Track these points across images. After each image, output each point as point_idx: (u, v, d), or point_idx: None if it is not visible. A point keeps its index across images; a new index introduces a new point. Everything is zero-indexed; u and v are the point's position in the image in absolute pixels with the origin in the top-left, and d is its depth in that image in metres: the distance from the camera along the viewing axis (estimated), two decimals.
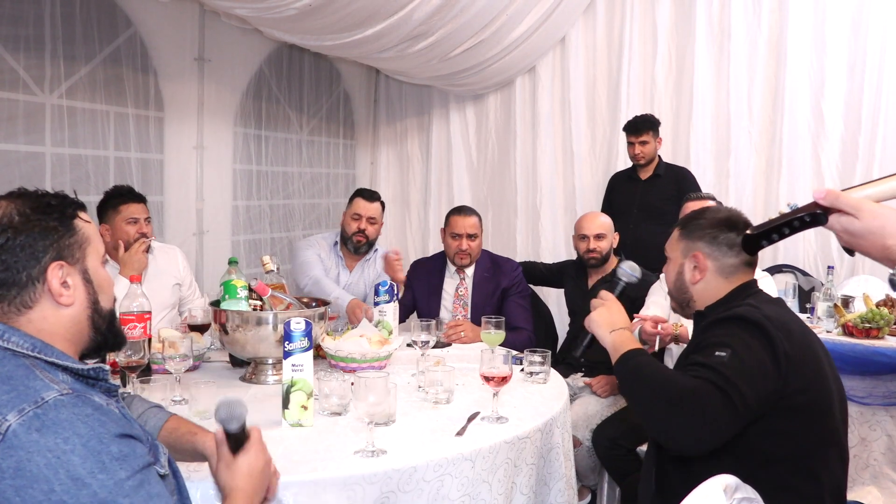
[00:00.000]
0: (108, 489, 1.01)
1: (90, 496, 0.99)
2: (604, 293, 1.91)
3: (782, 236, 1.25)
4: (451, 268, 3.44)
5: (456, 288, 3.43)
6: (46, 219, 1.17)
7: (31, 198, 1.19)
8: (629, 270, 2.03)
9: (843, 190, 1.19)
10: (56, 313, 1.17)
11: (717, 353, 1.57)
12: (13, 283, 1.14)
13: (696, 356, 1.63)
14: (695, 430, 1.50)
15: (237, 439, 1.33)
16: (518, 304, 3.35)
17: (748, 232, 1.31)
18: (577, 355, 1.96)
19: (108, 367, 1.21)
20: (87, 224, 1.23)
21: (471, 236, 3.36)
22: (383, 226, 3.65)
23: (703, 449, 1.53)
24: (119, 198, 3.03)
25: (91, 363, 1.20)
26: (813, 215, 1.19)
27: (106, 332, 1.25)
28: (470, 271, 3.43)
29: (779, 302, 1.79)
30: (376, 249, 3.59)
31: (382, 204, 3.60)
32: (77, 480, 0.99)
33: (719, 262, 1.79)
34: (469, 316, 3.37)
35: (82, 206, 1.25)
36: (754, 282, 1.82)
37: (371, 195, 3.56)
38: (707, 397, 1.50)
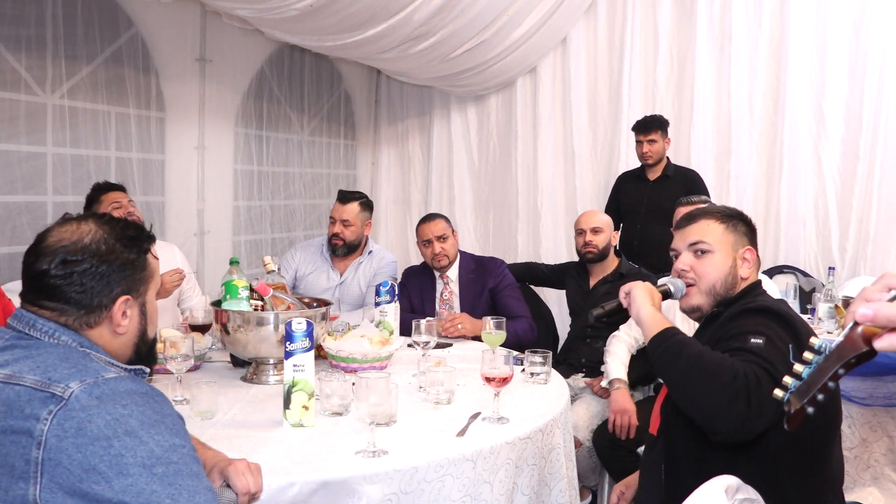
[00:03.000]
0: (164, 448, 1.08)
1: (147, 452, 1.06)
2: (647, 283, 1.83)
3: (827, 392, 1.03)
4: (436, 273, 3.46)
5: (441, 293, 3.44)
6: (127, 252, 1.27)
7: (116, 226, 1.29)
8: (680, 286, 1.82)
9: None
10: (111, 338, 1.27)
11: (752, 339, 1.54)
12: (84, 304, 1.23)
13: (730, 343, 1.58)
14: (743, 412, 1.44)
15: None
16: (509, 296, 3.37)
17: (790, 410, 1.06)
18: (594, 315, 1.88)
19: (147, 369, 1.30)
20: (154, 260, 1.35)
21: (440, 238, 3.36)
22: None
23: (745, 433, 1.46)
24: (98, 191, 3.13)
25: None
26: (860, 355, 0.98)
27: (144, 357, 1.34)
28: (453, 275, 3.43)
29: (784, 303, 1.80)
30: (371, 251, 3.55)
31: (366, 204, 3.49)
32: (135, 437, 1.06)
33: (758, 259, 1.81)
34: None
35: (154, 240, 1.37)
36: (759, 282, 1.84)
37: (345, 196, 3.46)
38: (759, 380, 1.46)
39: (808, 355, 1.05)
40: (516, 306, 3.32)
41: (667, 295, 1.81)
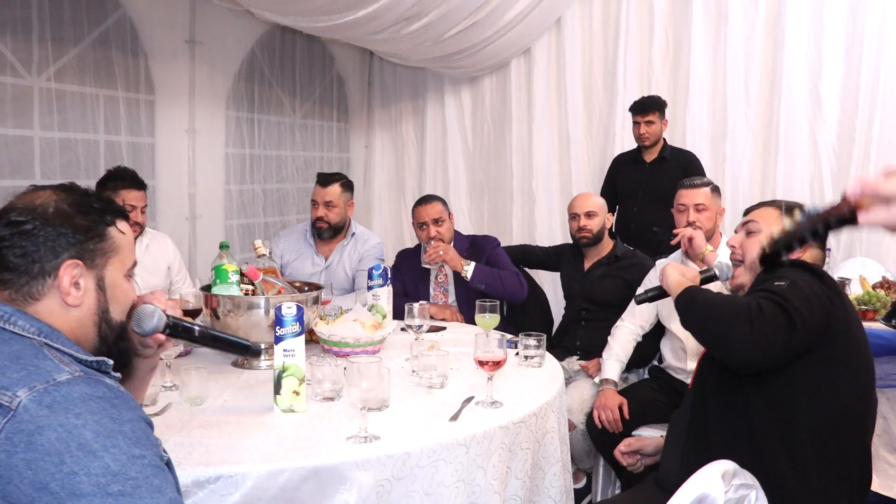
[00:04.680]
0: (121, 463, 0.99)
1: (101, 468, 0.97)
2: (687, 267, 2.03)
3: (804, 244, 1.19)
4: None
5: (436, 275, 3.42)
6: (81, 217, 1.17)
7: (76, 194, 1.19)
8: (725, 269, 2.02)
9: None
10: (62, 311, 1.15)
11: (776, 283, 1.66)
12: (24, 271, 1.13)
13: (757, 288, 1.72)
14: (746, 332, 1.56)
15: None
16: (497, 259, 3.39)
17: (764, 249, 1.25)
18: (638, 299, 2.13)
19: (110, 361, 1.17)
20: (121, 235, 1.23)
21: (437, 221, 3.34)
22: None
23: (754, 353, 1.57)
24: (120, 181, 3.03)
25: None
26: (841, 219, 1.08)
27: (112, 346, 1.23)
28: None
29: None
30: (353, 234, 3.52)
31: (347, 185, 3.47)
32: (89, 452, 0.97)
33: (812, 251, 1.93)
34: (453, 300, 3.37)
35: (125, 216, 1.26)
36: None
37: (326, 179, 3.44)
38: (768, 311, 1.58)
39: (796, 215, 1.20)
40: (504, 264, 3.36)
41: (711, 278, 2.01)
